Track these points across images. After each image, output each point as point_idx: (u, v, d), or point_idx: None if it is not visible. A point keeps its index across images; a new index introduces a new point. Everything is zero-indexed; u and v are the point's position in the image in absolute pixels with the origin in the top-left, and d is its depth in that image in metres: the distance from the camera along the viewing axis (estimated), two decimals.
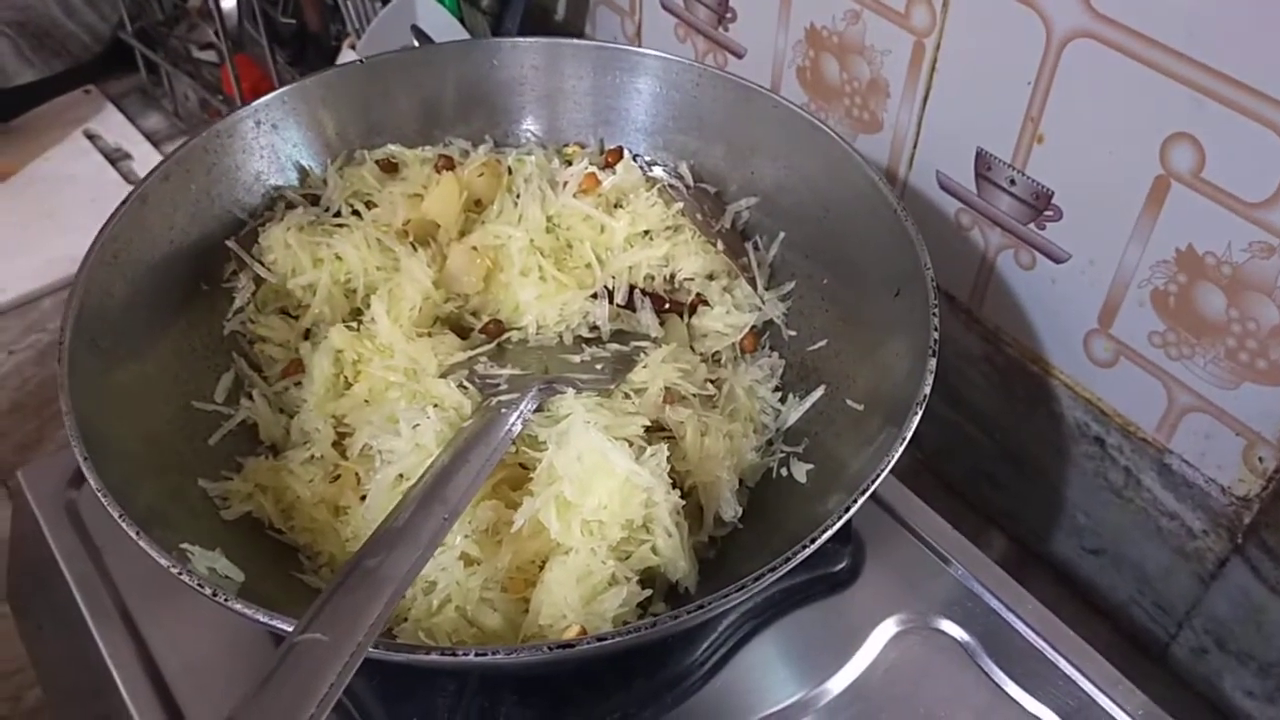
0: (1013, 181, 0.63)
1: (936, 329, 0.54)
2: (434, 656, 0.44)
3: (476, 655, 0.43)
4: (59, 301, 0.94)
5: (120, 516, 0.47)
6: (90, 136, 1.10)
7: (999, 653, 0.58)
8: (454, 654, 0.43)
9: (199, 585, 0.45)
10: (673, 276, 0.68)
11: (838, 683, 0.57)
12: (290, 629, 0.42)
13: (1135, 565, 0.67)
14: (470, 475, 0.51)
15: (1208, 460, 0.60)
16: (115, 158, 1.08)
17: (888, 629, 0.59)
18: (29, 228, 0.99)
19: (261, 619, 0.44)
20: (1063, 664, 0.57)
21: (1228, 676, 0.64)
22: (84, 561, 0.63)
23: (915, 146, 0.68)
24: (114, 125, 1.12)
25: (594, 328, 0.65)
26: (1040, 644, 0.58)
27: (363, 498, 0.56)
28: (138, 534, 0.46)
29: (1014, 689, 0.57)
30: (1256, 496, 0.58)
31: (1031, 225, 0.63)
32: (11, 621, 0.74)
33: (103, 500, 0.47)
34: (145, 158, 1.08)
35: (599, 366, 0.61)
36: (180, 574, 0.46)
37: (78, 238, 0.58)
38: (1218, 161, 0.53)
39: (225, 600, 0.45)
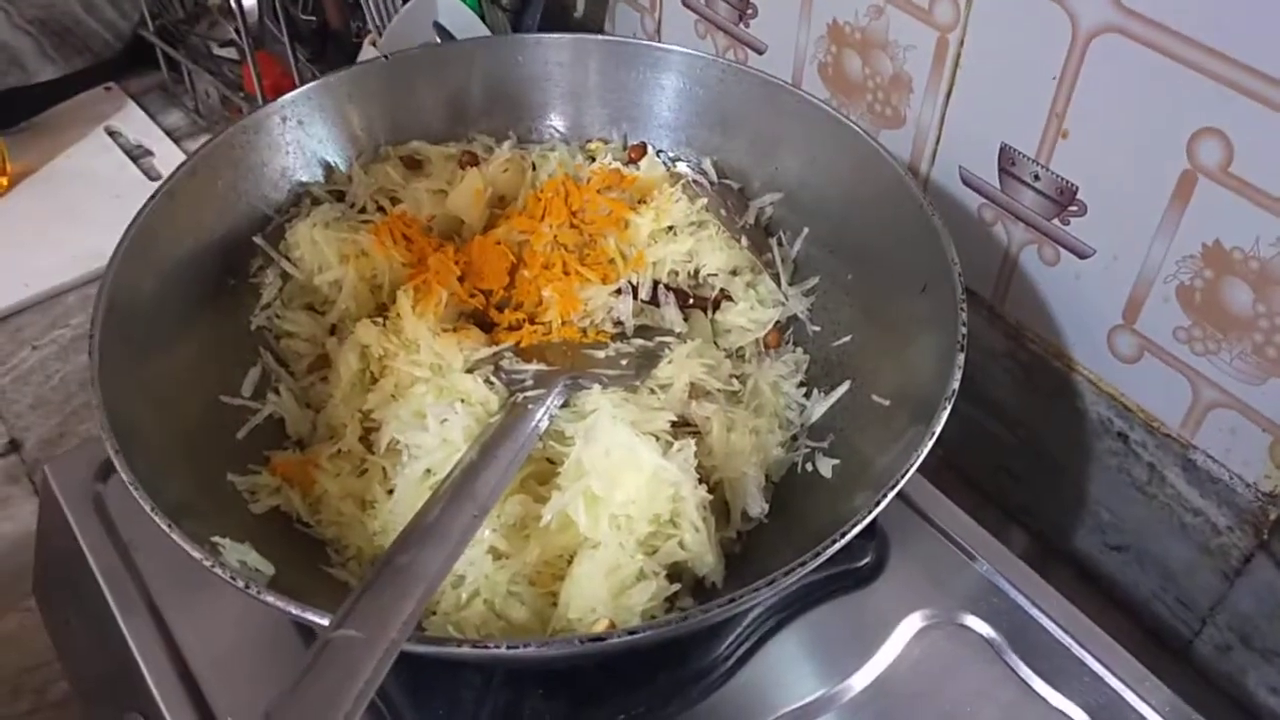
0: (1037, 177, 0.63)
1: (964, 324, 0.54)
2: (465, 649, 0.44)
3: (509, 648, 0.43)
4: (81, 297, 0.95)
5: (152, 509, 0.47)
6: (111, 133, 1.11)
7: (1025, 649, 0.58)
8: (485, 647, 0.43)
9: (232, 578, 0.46)
10: (697, 272, 0.69)
11: (862, 678, 0.57)
12: (322, 622, 0.43)
13: (1158, 562, 0.67)
14: (499, 471, 0.51)
15: (1233, 456, 0.60)
16: (136, 155, 1.09)
17: (912, 624, 0.59)
18: (51, 224, 1.00)
19: (294, 611, 0.44)
20: (1089, 660, 0.57)
21: (1252, 673, 0.64)
22: (111, 555, 0.63)
23: (938, 142, 0.68)
24: (135, 122, 1.12)
25: (618, 323, 0.65)
26: (1066, 640, 0.58)
27: (390, 492, 0.57)
28: (169, 527, 0.47)
29: (1040, 685, 0.56)
30: None
31: (1055, 220, 0.63)
32: (38, 615, 0.75)
33: (134, 492, 0.48)
34: (166, 155, 1.08)
35: (624, 362, 0.61)
36: (213, 567, 0.46)
37: (99, 234, 0.59)
38: (1246, 156, 0.52)
39: (258, 593, 0.45)
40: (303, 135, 0.69)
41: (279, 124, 0.68)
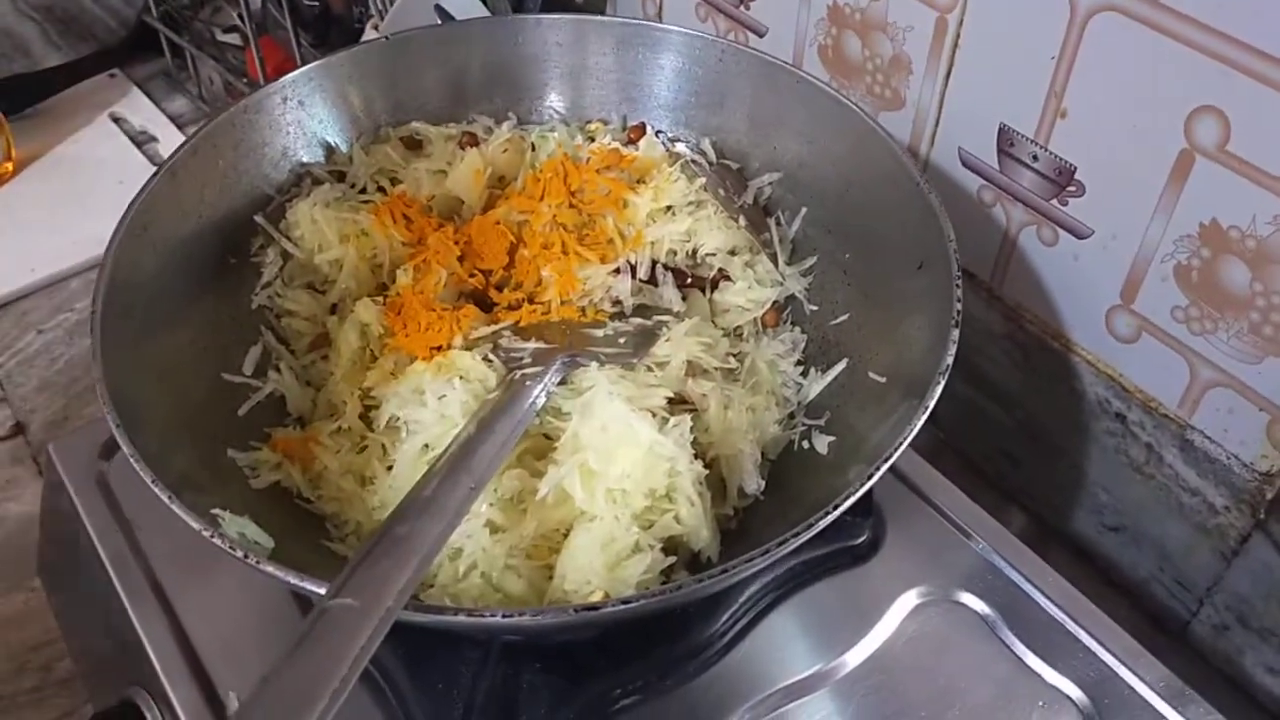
0: (1035, 157, 0.63)
1: (959, 300, 0.54)
2: (461, 618, 0.44)
3: (504, 616, 0.43)
4: (87, 281, 0.95)
5: (153, 482, 0.48)
6: (116, 120, 1.11)
7: (1020, 625, 0.58)
8: (481, 615, 0.44)
9: (231, 548, 0.46)
10: (695, 252, 0.69)
11: (858, 654, 0.57)
12: (320, 592, 0.43)
13: (1156, 542, 0.67)
14: (496, 446, 0.52)
15: (1230, 436, 0.60)
16: (141, 141, 1.09)
17: (908, 601, 0.59)
18: (56, 209, 1.01)
19: (293, 581, 0.45)
20: (1084, 636, 0.57)
21: (1249, 653, 0.64)
22: (115, 534, 0.64)
23: (937, 123, 0.68)
24: (140, 109, 1.13)
25: (616, 302, 0.66)
26: (1061, 616, 0.58)
27: (389, 468, 0.57)
28: (170, 499, 0.47)
29: (1035, 661, 0.57)
30: (1279, 472, 0.58)
31: (1054, 201, 0.63)
32: (42, 595, 0.75)
33: (135, 466, 0.48)
34: (170, 141, 1.09)
35: (622, 340, 0.61)
36: (212, 537, 0.46)
37: (104, 219, 0.59)
38: (1243, 134, 0.52)
39: (257, 563, 0.45)
40: (303, 115, 0.69)
41: (280, 104, 0.68)
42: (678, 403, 0.59)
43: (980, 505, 0.64)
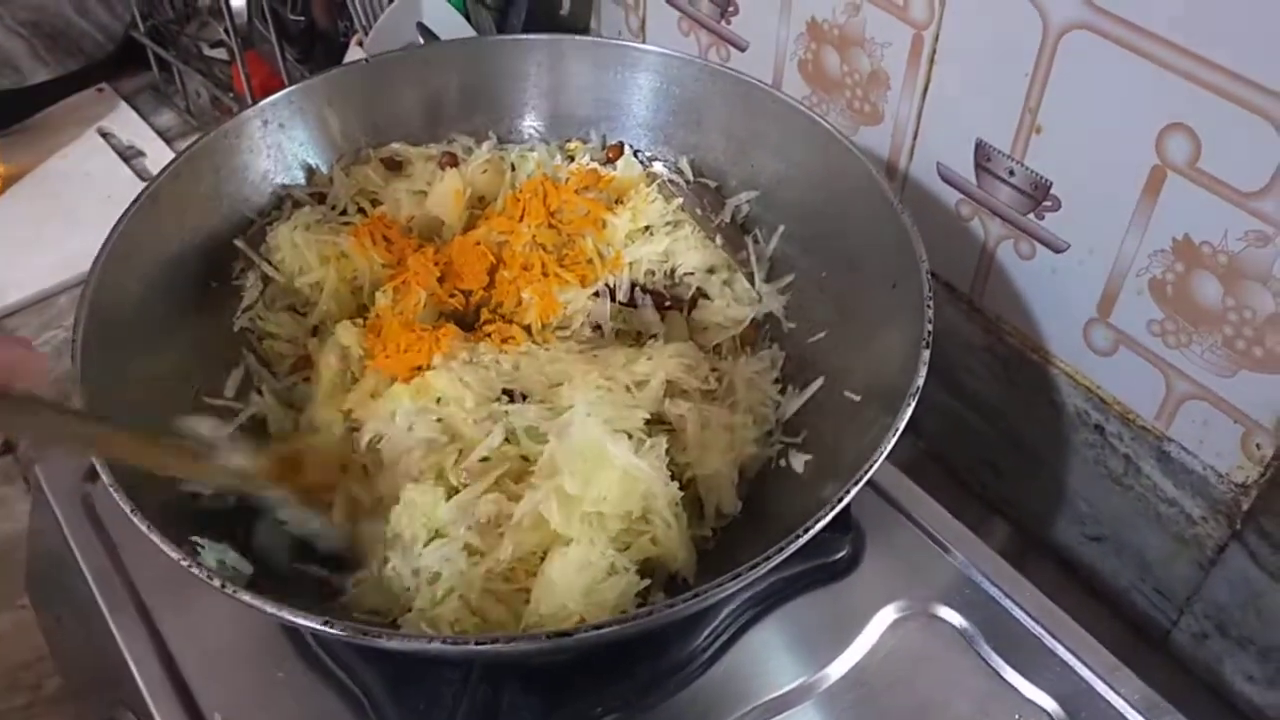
0: (1012, 172, 0.63)
1: (930, 321, 0.54)
2: (436, 645, 0.45)
3: (477, 644, 0.44)
4: (74, 298, 0.94)
5: (132, 511, 0.48)
6: (104, 134, 1.11)
7: (997, 639, 0.58)
8: (456, 643, 0.44)
9: (209, 577, 0.46)
10: (673, 271, 0.69)
11: (838, 668, 0.58)
12: (297, 620, 0.44)
13: (1136, 552, 0.68)
14: None
15: (1206, 447, 0.60)
16: (129, 155, 1.09)
17: (887, 616, 0.60)
18: (44, 225, 1.01)
19: (269, 610, 0.45)
20: (1061, 651, 0.58)
21: (1228, 661, 0.65)
22: (100, 554, 0.64)
23: (915, 138, 0.69)
24: (127, 123, 1.13)
25: (596, 327, 0.66)
26: (1038, 631, 0.59)
27: None
28: (149, 528, 0.47)
29: (1012, 675, 0.57)
30: (1254, 483, 0.59)
31: (1031, 215, 0.64)
32: (31, 613, 0.76)
33: (114, 494, 0.48)
34: (158, 155, 1.09)
35: None
36: (190, 567, 0.47)
37: (93, 235, 0.60)
38: (1213, 152, 0.53)
39: (234, 592, 0.46)
40: (283, 138, 0.70)
41: (260, 127, 0.69)
42: (655, 423, 0.59)
43: (962, 516, 0.64)
